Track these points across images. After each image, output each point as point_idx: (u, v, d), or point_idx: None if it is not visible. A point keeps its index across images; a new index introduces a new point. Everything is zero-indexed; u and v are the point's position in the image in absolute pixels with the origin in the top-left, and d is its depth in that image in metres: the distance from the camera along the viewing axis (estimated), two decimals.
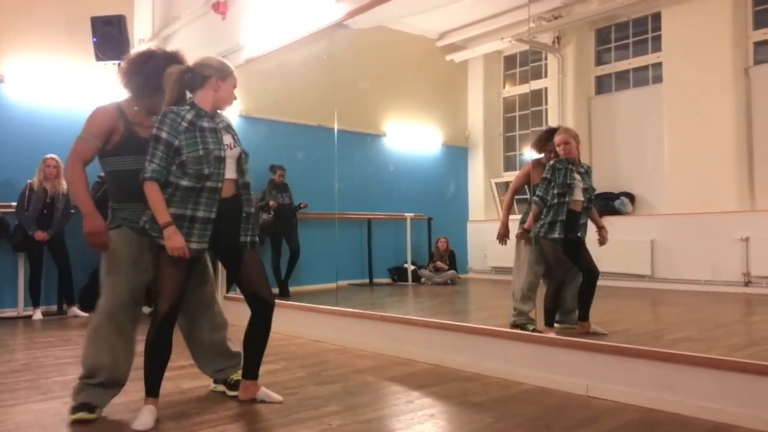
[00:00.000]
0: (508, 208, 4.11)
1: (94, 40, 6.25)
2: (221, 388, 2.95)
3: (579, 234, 3.73)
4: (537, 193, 3.80)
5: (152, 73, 2.64)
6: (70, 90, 6.58)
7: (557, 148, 3.80)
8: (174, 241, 2.44)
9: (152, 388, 2.54)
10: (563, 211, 3.69)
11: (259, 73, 5.90)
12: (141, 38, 6.90)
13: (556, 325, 3.69)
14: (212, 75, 2.64)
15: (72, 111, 6.55)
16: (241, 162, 2.68)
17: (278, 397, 2.84)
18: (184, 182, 2.50)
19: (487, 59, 8.44)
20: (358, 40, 6.85)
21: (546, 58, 7.63)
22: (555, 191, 3.73)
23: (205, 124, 2.58)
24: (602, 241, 3.76)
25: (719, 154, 5.90)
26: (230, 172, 2.63)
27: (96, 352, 2.58)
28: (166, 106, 2.60)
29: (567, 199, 3.70)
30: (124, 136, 2.63)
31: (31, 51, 6.36)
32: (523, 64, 8.28)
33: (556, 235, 3.67)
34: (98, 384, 2.56)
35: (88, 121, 2.66)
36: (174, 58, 2.73)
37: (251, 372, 2.84)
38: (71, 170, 2.63)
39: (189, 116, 2.56)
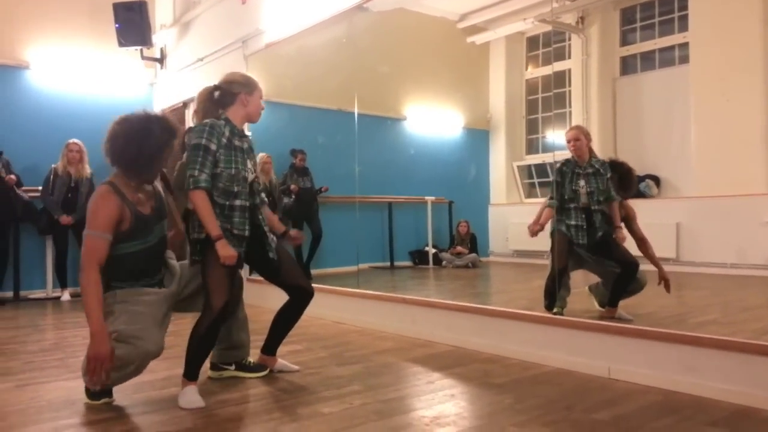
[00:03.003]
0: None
1: (117, 26, 6.32)
2: (229, 374, 2.92)
3: (597, 236, 3.71)
4: (550, 195, 3.83)
5: (154, 149, 2.48)
6: (94, 76, 6.67)
7: (567, 145, 3.81)
8: (226, 251, 2.53)
9: (195, 374, 2.58)
10: (573, 216, 3.71)
11: (280, 58, 5.90)
12: (162, 23, 6.95)
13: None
14: (240, 91, 2.71)
15: (95, 96, 6.66)
16: (253, 186, 2.75)
17: (295, 367, 3.02)
18: (218, 200, 2.60)
19: (509, 41, 8.33)
20: (378, 23, 6.81)
21: (569, 39, 7.51)
22: (564, 196, 3.76)
23: (237, 143, 2.68)
24: (618, 239, 3.71)
25: (747, 136, 5.77)
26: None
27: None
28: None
29: (574, 204, 3.72)
30: (133, 223, 2.47)
31: (55, 37, 6.45)
32: (546, 45, 8.16)
33: (562, 228, 3.70)
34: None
35: (95, 216, 2.41)
36: (170, 128, 2.56)
37: (273, 348, 2.99)
38: (86, 277, 2.35)
39: (227, 132, 2.65)
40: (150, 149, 2.47)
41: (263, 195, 2.89)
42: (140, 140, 2.46)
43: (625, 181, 3.83)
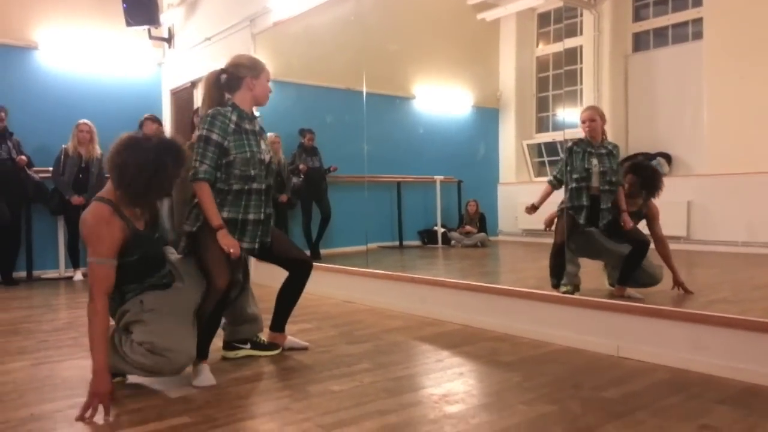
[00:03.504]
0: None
1: (124, 6, 6.29)
2: (244, 352, 2.94)
3: (604, 221, 3.70)
4: (553, 173, 3.80)
5: (165, 184, 2.38)
6: (102, 56, 6.66)
7: (581, 125, 3.78)
8: (228, 240, 2.55)
9: (205, 352, 2.62)
10: (584, 197, 3.69)
11: (287, 36, 5.86)
12: (170, 3, 6.91)
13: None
14: (246, 75, 2.70)
15: (104, 77, 6.67)
16: (270, 167, 2.77)
17: (304, 343, 3.07)
18: (235, 186, 2.61)
19: (520, 17, 8.21)
20: (386, 1, 6.73)
21: (581, 15, 7.40)
22: (574, 176, 3.71)
23: (247, 126, 2.68)
24: (624, 226, 3.67)
25: (761, 114, 5.68)
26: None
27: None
28: (206, 110, 2.67)
29: (585, 184, 3.68)
30: (131, 239, 2.37)
31: (63, 18, 6.43)
32: (558, 21, 8.04)
33: (570, 211, 3.69)
34: None
35: (99, 242, 2.26)
36: (183, 160, 2.42)
37: (281, 325, 3.02)
38: (93, 307, 2.23)
39: (234, 117, 2.65)
40: (160, 184, 2.36)
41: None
42: (152, 174, 2.30)
43: (648, 185, 3.74)
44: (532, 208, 3.88)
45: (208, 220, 2.56)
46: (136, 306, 2.43)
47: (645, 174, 3.79)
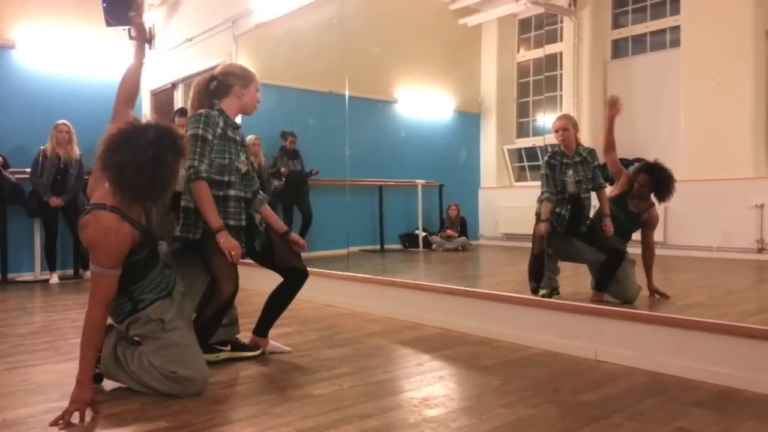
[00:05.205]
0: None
1: (104, 5, 6.19)
2: (225, 355, 2.89)
3: (584, 227, 3.75)
4: (542, 189, 3.80)
5: (167, 181, 2.24)
6: (81, 56, 6.58)
7: (554, 134, 3.82)
8: (229, 242, 2.55)
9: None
10: (563, 206, 3.75)
11: (270, 39, 5.85)
12: (151, 3, 6.85)
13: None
14: (235, 83, 2.73)
15: (83, 77, 6.58)
16: (249, 177, 2.79)
17: (287, 348, 3.05)
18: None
19: (501, 23, 8.29)
20: (369, 4, 6.76)
21: (561, 21, 7.49)
22: (552, 189, 3.77)
23: (230, 134, 2.70)
24: (606, 230, 3.68)
25: (736, 120, 5.80)
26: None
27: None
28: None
29: (563, 196, 3.74)
30: (141, 239, 2.29)
31: (42, 17, 6.34)
32: (538, 27, 8.13)
33: (548, 217, 3.73)
34: None
35: (107, 253, 2.17)
36: (182, 150, 2.30)
37: (265, 330, 3.00)
38: (90, 318, 2.16)
39: (221, 122, 2.66)
40: (162, 182, 2.21)
41: (263, 193, 2.91)
42: (153, 172, 2.16)
43: (660, 187, 3.69)
44: (547, 222, 3.81)
45: (208, 221, 2.55)
46: (154, 323, 2.36)
47: (659, 175, 3.69)
